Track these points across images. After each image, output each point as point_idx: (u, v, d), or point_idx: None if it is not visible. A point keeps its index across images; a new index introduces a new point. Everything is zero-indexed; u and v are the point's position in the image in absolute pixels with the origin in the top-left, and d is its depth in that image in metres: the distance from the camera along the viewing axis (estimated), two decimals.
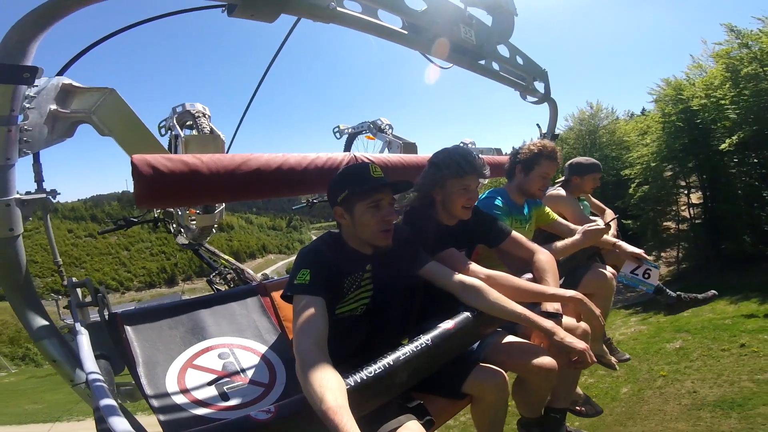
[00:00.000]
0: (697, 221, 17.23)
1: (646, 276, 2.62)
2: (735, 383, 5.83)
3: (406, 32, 1.93)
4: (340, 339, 1.47)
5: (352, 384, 1.12)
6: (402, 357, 1.24)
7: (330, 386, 1.02)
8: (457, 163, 1.80)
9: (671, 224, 17.94)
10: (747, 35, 13.04)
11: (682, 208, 17.68)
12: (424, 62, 2.36)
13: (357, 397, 1.09)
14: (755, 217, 14.25)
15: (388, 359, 1.22)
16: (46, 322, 1.46)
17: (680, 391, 6.08)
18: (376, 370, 1.18)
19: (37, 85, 1.21)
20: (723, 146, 13.41)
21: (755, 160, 14.42)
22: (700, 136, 15.34)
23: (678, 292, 3.04)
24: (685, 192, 17.33)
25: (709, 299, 3.05)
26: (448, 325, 1.43)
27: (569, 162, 3.08)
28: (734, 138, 13.14)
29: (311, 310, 1.25)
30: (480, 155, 1.90)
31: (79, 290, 1.56)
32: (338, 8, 1.56)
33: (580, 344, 1.48)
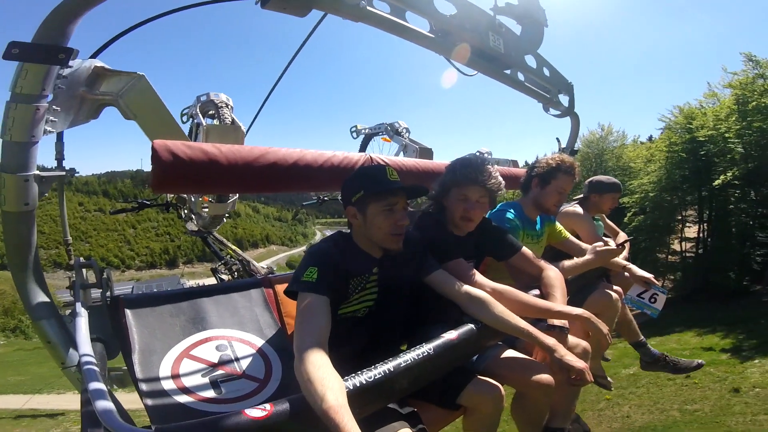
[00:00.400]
0: (689, 254, 17.05)
1: (653, 300, 2.59)
2: (665, 411, 6.25)
3: (432, 36, 1.91)
4: (340, 340, 1.46)
5: (352, 387, 1.11)
6: (403, 364, 1.23)
7: (331, 386, 1.01)
8: (454, 171, 1.80)
9: (663, 255, 17.74)
10: (765, 65, 12.61)
11: (676, 241, 17.50)
12: (447, 67, 2.33)
13: (356, 400, 1.08)
14: (745, 255, 14.23)
15: (389, 365, 1.21)
16: (47, 301, 1.47)
17: (616, 415, 6.55)
18: (376, 375, 1.17)
19: (71, 66, 1.23)
20: (716, 182, 13.22)
21: (755, 198, 14.19)
22: (703, 168, 15.10)
23: (664, 354, 2.94)
24: (681, 226, 17.13)
25: (692, 368, 2.94)
26: (451, 335, 1.42)
27: (590, 179, 3.05)
28: (728, 174, 12.89)
29: (315, 309, 1.24)
30: (495, 166, 1.88)
31: (84, 271, 1.56)
32: (368, 7, 1.54)
33: (580, 363, 1.47)
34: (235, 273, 4.07)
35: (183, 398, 1.40)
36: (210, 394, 1.44)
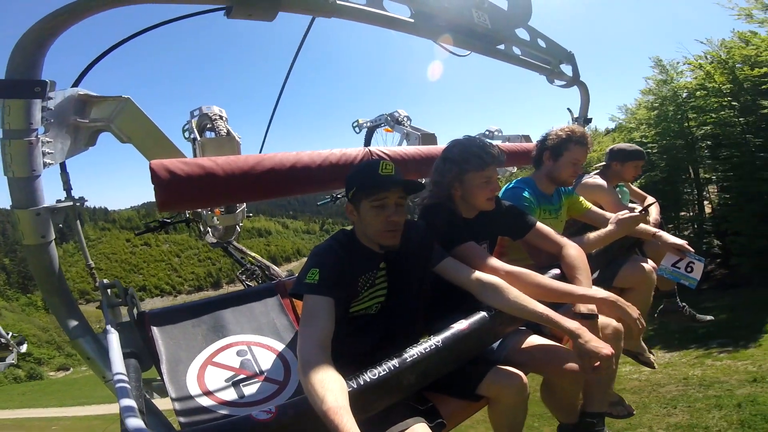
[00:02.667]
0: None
1: (689, 270, 2.39)
2: None
3: (414, 21, 1.88)
4: (355, 337, 1.46)
5: (356, 386, 1.11)
6: (409, 359, 1.22)
7: (331, 387, 1.02)
8: (477, 155, 1.72)
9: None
10: (674, 68, 10.80)
11: None
12: (441, 55, 2.30)
13: (362, 398, 1.08)
14: None
15: (394, 361, 1.20)
16: (81, 322, 1.55)
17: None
18: (380, 372, 1.16)
19: (52, 98, 1.27)
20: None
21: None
22: None
23: (683, 304, 2.96)
24: None
25: (705, 322, 3.05)
26: (461, 326, 1.38)
27: (611, 147, 2.93)
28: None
29: (317, 311, 1.24)
30: (507, 143, 1.83)
31: (109, 290, 1.64)
32: (338, 2, 1.53)
33: (605, 350, 1.35)
34: (257, 279, 4.22)
35: (209, 403, 1.46)
36: (233, 397, 1.49)
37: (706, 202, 11.92)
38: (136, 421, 0.98)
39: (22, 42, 1.02)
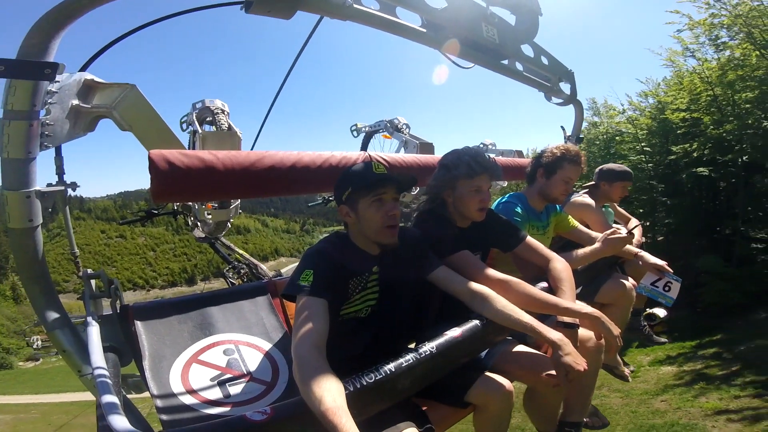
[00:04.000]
0: None
1: (667, 289, 2.50)
2: None
3: (424, 30, 1.90)
4: (345, 340, 1.46)
5: (352, 388, 1.10)
6: (405, 364, 1.22)
7: (328, 388, 1.01)
8: (467, 163, 1.75)
9: None
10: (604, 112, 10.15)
11: None
12: (447, 62, 2.32)
13: (357, 401, 1.07)
14: None
15: (391, 365, 1.20)
16: (60, 313, 1.49)
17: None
18: (377, 376, 1.16)
19: (59, 81, 1.24)
20: None
21: None
22: None
23: (645, 323, 3.18)
24: None
25: (659, 343, 3.35)
26: (455, 332, 1.39)
27: (600, 167, 3.01)
28: None
29: (312, 312, 1.23)
30: (501, 157, 1.85)
31: (93, 282, 1.58)
32: (355, 5, 1.54)
33: (579, 365, 1.39)
34: (244, 277, 4.13)
35: (193, 402, 1.42)
36: (219, 397, 1.46)
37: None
38: (121, 420, 0.95)
39: (40, 23, 1.00)
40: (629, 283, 2.54)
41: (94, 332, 1.38)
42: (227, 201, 2.59)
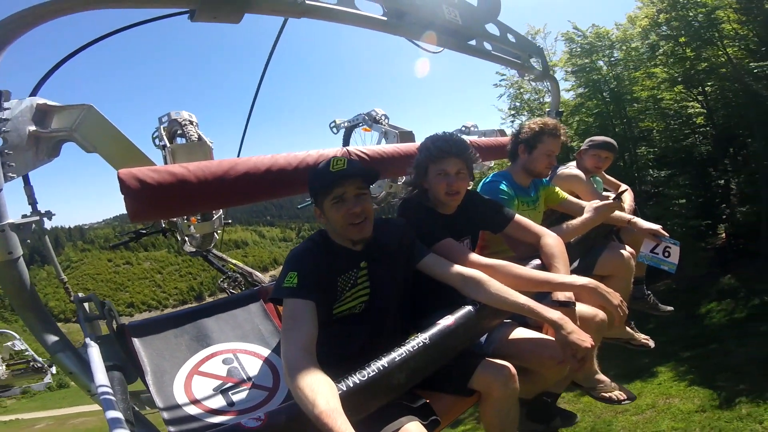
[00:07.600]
0: None
1: (667, 254, 2.46)
2: None
3: (386, 19, 1.88)
4: (342, 338, 1.46)
5: (345, 388, 1.10)
6: (398, 358, 1.21)
7: (321, 390, 1.01)
8: (427, 147, 1.74)
9: None
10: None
11: None
12: (421, 51, 2.30)
13: (353, 400, 1.07)
14: None
15: (383, 361, 1.20)
16: (59, 337, 1.50)
17: None
18: (370, 373, 1.15)
19: (8, 108, 1.22)
20: None
21: None
22: None
23: (649, 292, 2.96)
24: None
25: (666, 312, 3.03)
26: (447, 321, 1.38)
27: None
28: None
29: (299, 314, 1.23)
30: (483, 138, 1.84)
31: (86, 305, 1.59)
32: (308, 1, 1.51)
33: (586, 342, 1.36)
34: (240, 286, 4.13)
35: (198, 412, 1.43)
36: (223, 406, 1.46)
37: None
38: None
39: None
40: (627, 251, 2.48)
41: (94, 352, 1.38)
42: (209, 213, 2.57)
